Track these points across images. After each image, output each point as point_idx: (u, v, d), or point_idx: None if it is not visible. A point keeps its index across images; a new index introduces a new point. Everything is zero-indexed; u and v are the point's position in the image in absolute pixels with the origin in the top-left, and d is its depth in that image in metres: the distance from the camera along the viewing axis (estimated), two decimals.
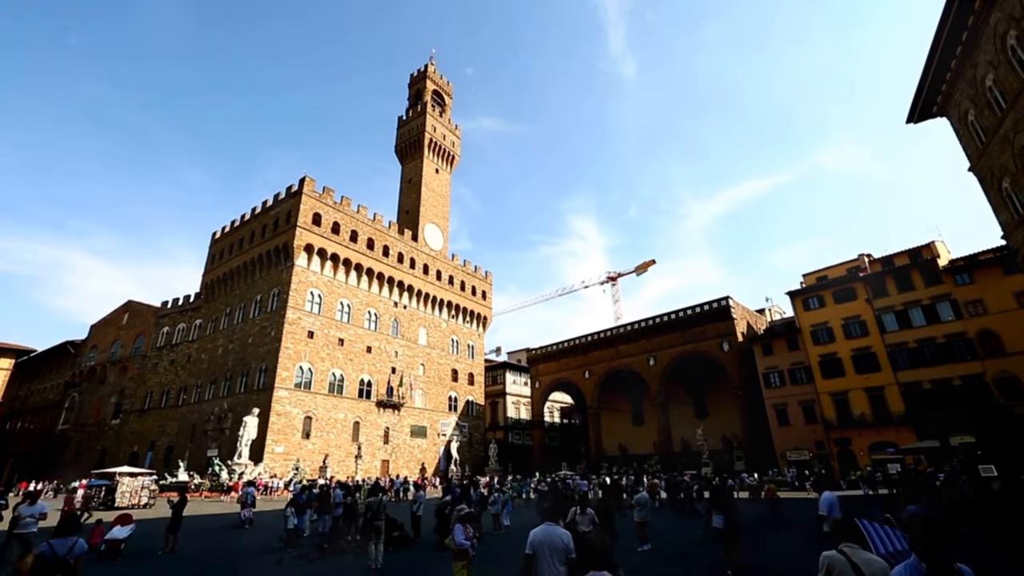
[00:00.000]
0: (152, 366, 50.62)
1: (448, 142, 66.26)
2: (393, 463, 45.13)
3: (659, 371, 49.50)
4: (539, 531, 5.04)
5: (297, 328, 40.45)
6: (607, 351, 54.98)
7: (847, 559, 3.81)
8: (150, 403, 49.05)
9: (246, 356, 41.78)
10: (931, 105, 22.59)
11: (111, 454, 47.25)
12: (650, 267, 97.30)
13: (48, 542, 5.61)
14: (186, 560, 12.31)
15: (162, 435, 45.86)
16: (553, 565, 4.74)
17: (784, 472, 36.73)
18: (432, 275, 54.89)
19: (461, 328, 58.41)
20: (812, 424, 39.39)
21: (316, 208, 43.40)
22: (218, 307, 47.84)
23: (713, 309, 47.42)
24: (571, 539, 5.02)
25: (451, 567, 7.93)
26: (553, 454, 58.61)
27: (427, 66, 69.04)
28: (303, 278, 41.87)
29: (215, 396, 42.81)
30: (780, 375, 42.22)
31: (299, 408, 39.16)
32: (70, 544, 5.62)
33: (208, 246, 52.58)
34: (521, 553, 4.87)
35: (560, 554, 4.81)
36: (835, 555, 3.88)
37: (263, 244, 44.30)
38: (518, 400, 66.72)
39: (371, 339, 46.68)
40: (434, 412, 51.58)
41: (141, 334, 53.89)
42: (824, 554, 3.93)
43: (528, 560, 4.89)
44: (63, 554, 5.50)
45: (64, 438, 55.22)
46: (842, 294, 40.65)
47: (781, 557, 11.68)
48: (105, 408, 52.71)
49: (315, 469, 37.97)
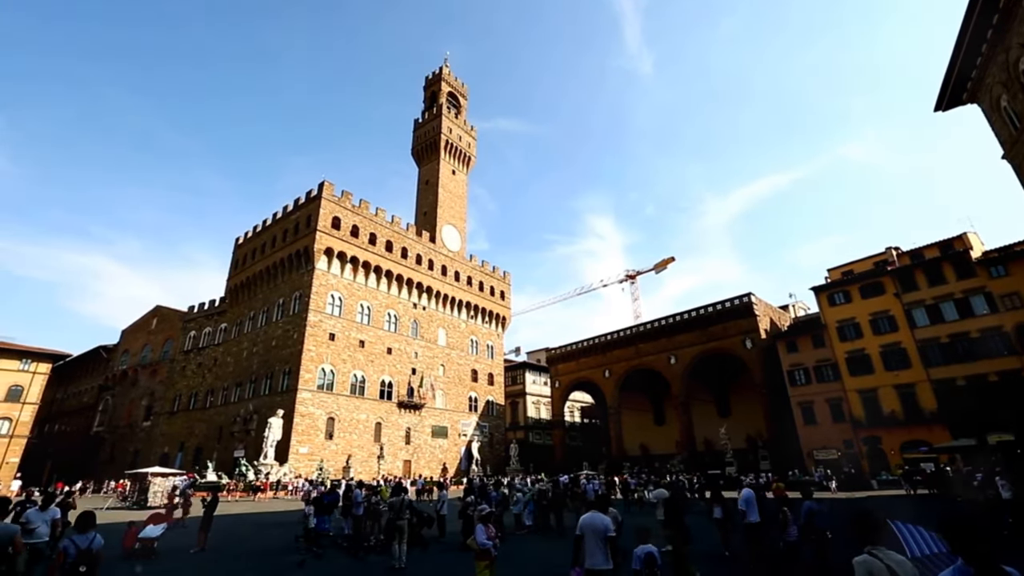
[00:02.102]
0: (180, 369, 51.96)
1: (464, 143, 66.51)
2: (415, 463, 45.47)
3: (680, 370, 48.87)
4: (586, 516, 6.24)
5: (319, 330, 41.05)
6: (627, 350, 54.51)
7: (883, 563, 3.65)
8: (179, 405, 50.35)
9: (270, 359, 42.57)
10: (960, 92, 21.79)
11: (143, 455, 48.63)
12: (669, 265, 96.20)
13: (70, 538, 6.05)
14: (216, 558, 12.59)
15: (191, 436, 47.04)
16: (596, 542, 5.98)
17: (811, 472, 35.93)
18: (450, 276, 55.16)
19: (480, 328, 58.56)
20: (840, 423, 38.42)
21: (335, 212, 43.99)
22: (242, 311, 48.85)
23: (735, 306, 46.63)
24: (611, 522, 6.16)
25: (474, 567, 7.93)
26: (574, 454, 58.35)
27: (442, 68, 69.41)
28: (324, 281, 42.47)
29: (241, 398, 43.72)
30: (805, 372, 41.30)
31: (322, 409, 39.74)
32: (90, 539, 6.06)
33: (231, 251, 53.74)
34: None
35: (601, 534, 5.99)
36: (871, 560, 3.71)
37: (284, 248, 45.08)
38: (538, 400, 66.61)
39: (391, 340, 47.11)
40: (454, 412, 51.83)
41: (169, 338, 55.38)
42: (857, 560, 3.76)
43: (578, 540, 6.10)
44: (84, 547, 5.95)
45: (99, 440, 57.08)
46: (869, 289, 39.56)
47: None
48: (137, 410, 54.31)
49: (339, 469, 38.47)
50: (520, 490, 19.15)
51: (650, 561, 6.37)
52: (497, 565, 8.25)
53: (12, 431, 49.51)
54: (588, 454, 57.37)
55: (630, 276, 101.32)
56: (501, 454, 54.60)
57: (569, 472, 37.54)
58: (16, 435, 49.78)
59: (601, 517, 6.15)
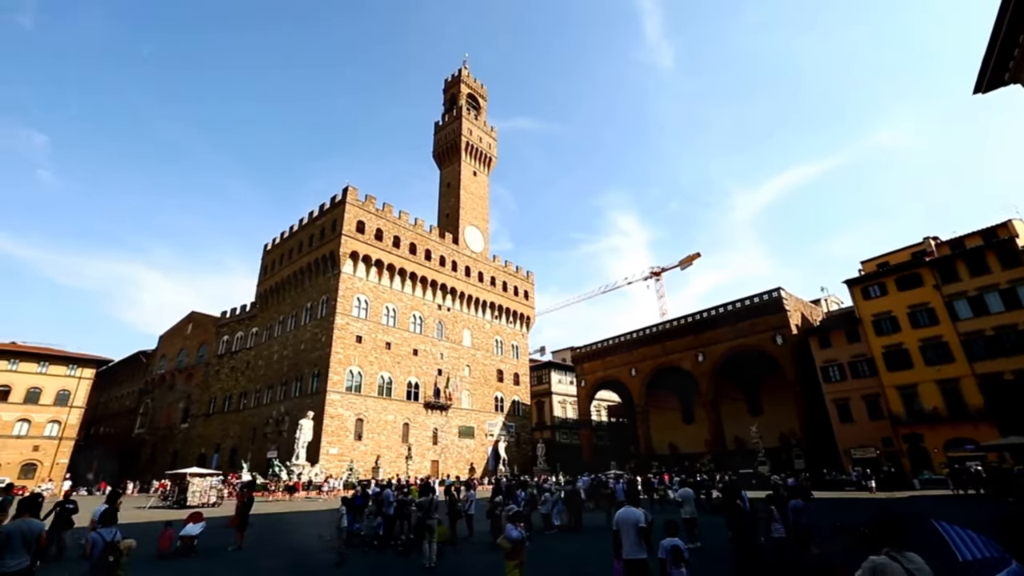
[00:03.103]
0: (215, 373, 53.57)
1: (484, 144, 66.74)
2: (442, 463, 45.83)
3: (708, 367, 47.98)
4: (621, 511, 7.17)
5: (346, 333, 41.76)
6: (653, 348, 53.80)
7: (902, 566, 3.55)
8: (214, 408, 51.93)
9: (299, 361, 43.50)
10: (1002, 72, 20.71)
11: (181, 456, 50.30)
12: (695, 260, 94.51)
13: (97, 531, 7.13)
14: (254, 556, 12.91)
15: (226, 438, 48.45)
16: (631, 534, 6.81)
17: (848, 471, 34.81)
18: (474, 277, 55.42)
19: (504, 329, 58.66)
20: (878, 420, 37.09)
21: (359, 216, 44.68)
22: (272, 315, 50.07)
23: (764, 301, 45.53)
24: (643, 516, 6.91)
25: (503, 567, 7.93)
26: (602, 453, 57.89)
27: (460, 70, 69.81)
28: (350, 284, 43.18)
29: (272, 400, 44.81)
30: (840, 368, 40.01)
31: (350, 411, 40.41)
32: (113, 532, 7.09)
33: (260, 257, 55.14)
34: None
35: (633, 526, 6.86)
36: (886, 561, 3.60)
37: (311, 253, 46.01)
38: (564, 399, 66.35)
39: (417, 342, 47.60)
40: (481, 413, 52.04)
41: (204, 343, 57.16)
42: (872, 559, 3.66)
43: (615, 534, 7.00)
44: (109, 539, 6.97)
45: (141, 441, 59.34)
46: (906, 281, 38.08)
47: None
48: (175, 413, 56.24)
49: (368, 470, 39.05)
50: (548, 490, 19.10)
51: (676, 552, 6.76)
52: (526, 565, 8.24)
53: (61, 433, 51.92)
54: (616, 453, 56.85)
55: (655, 273, 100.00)
56: (528, 454, 54.59)
57: (597, 472, 37.27)
58: (65, 437, 52.17)
59: (634, 511, 6.96)
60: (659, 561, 6.86)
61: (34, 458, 49.56)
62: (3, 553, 5.63)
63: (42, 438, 50.41)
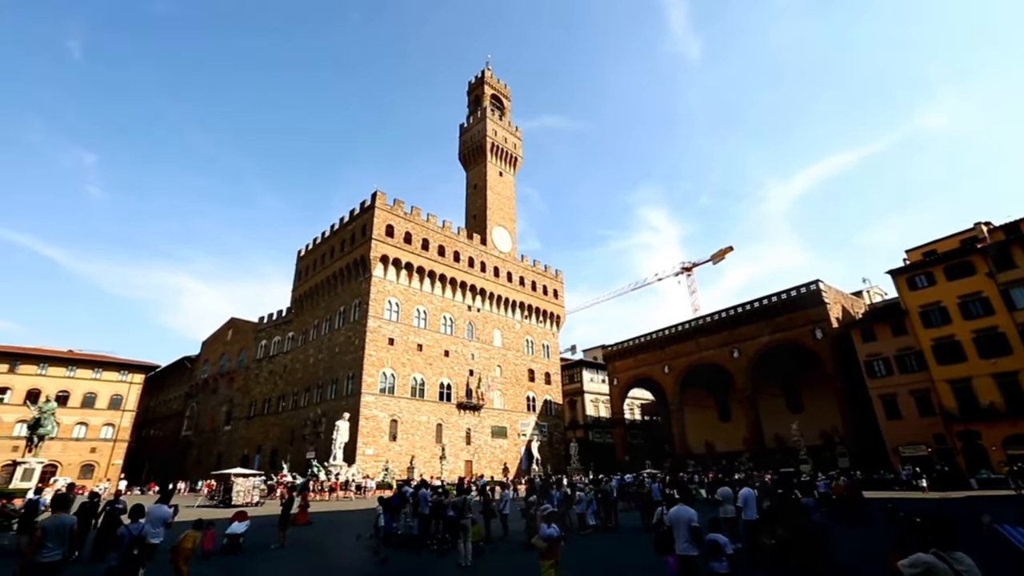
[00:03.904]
0: (254, 376, 55.39)
1: (510, 144, 66.83)
2: (476, 463, 46.12)
3: (744, 364, 46.73)
4: (674, 509, 7.48)
5: (378, 336, 42.50)
6: (686, 344, 52.77)
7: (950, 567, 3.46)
8: (255, 410, 53.71)
9: (334, 364, 44.53)
10: None
11: (225, 457, 52.18)
12: (727, 254, 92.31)
13: (126, 526, 7.73)
14: (297, 554, 13.28)
15: (267, 439, 50.04)
16: (683, 532, 7.09)
17: (898, 470, 33.31)
18: (503, 277, 55.56)
19: (535, 328, 58.60)
20: (928, 416, 35.32)
21: (388, 220, 45.41)
22: (307, 320, 51.42)
23: (802, 294, 44.03)
24: (696, 515, 7.14)
25: (539, 566, 7.91)
26: (636, 452, 57.15)
27: (484, 72, 70.08)
28: (381, 288, 43.94)
29: (309, 403, 46.02)
30: (885, 363, 38.30)
31: (385, 412, 41.12)
32: (141, 526, 7.76)
33: (294, 263, 56.71)
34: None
35: (686, 524, 7.09)
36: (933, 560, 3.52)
37: (343, 258, 47.03)
38: (596, 398, 65.81)
39: (448, 343, 48.05)
40: (513, 412, 52.13)
41: (244, 348, 59.17)
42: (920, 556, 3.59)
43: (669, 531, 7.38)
44: (136, 533, 7.54)
45: (187, 443, 61.89)
46: (957, 269, 36.13)
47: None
48: (218, 416, 58.42)
49: (403, 470, 39.65)
50: (582, 489, 18.99)
51: (714, 547, 6.92)
52: (562, 565, 8.19)
53: (115, 435, 54.74)
54: (651, 452, 56.05)
55: (686, 268, 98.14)
56: (561, 453, 54.38)
57: (632, 472, 36.81)
58: (119, 439, 54.97)
59: (687, 509, 7.24)
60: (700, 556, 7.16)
61: (92, 459, 52.44)
62: (40, 545, 6.25)
63: (98, 440, 53.28)
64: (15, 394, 49.38)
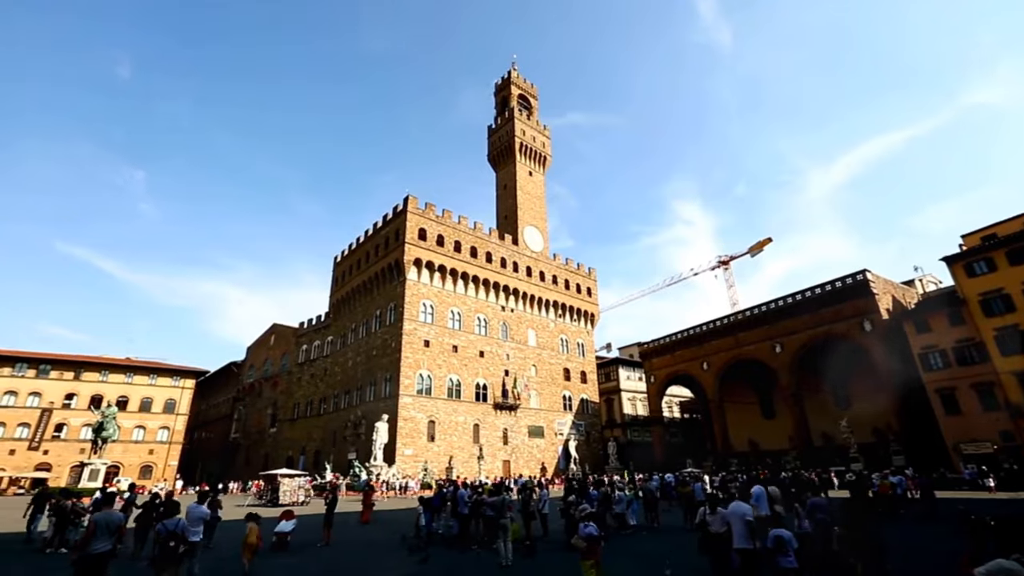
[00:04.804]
0: (296, 380, 57.20)
1: (538, 143, 66.70)
2: (514, 463, 46.22)
3: (787, 359, 45.11)
4: (732, 505, 7.98)
5: (414, 338, 43.17)
6: (726, 340, 51.37)
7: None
8: (298, 413, 55.46)
9: (372, 367, 45.49)
10: None
11: (272, 458, 54.08)
12: (766, 246, 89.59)
13: (161, 523, 8.23)
14: (342, 552, 13.62)
15: (310, 441, 51.57)
16: (740, 527, 7.50)
17: (959, 468, 31.45)
18: (535, 276, 55.52)
19: (569, 327, 58.30)
20: (992, 411, 33.18)
21: (421, 224, 46.06)
22: (345, 324, 52.73)
23: (847, 285, 42.16)
24: (751, 511, 7.74)
25: (579, 566, 7.86)
26: (676, 451, 56.01)
27: (510, 72, 70.17)
28: (415, 291, 44.61)
29: (349, 404, 47.16)
30: (942, 355, 36.22)
31: (422, 413, 41.72)
32: (176, 521, 8.25)
33: (331, 269, 58.25)
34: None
35: (741, 519, 7.56)
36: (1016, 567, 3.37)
37: (377, 263, 48.00)
38: (634, 396, 64.90)
39: (482, 344, 48.35)
40: (549, 412, 51.99)
41: (286, 352, 61.21)
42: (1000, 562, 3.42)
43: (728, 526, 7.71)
44: (172, 528, 8.04)
45: (236, 445, 64.46)
46: (1020, 253, 33.83)
47: None
48: (264, 418, 60.61)
49: (441, 470, 40.12)
50: (621, 489, 18.76)
51: (780, 542, 7.04)
52: (603, 565, 8.11)
53: (170, 438, 57.59)
54: (691, 451, 54.82)
55: (723, 262, 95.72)
56: (599, 452, 53.89)
57: (672, 471, 36.11)
58: (173, 441, 57.79)
59: (743, 505, 7.81)
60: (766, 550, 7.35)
61: (150, 460, 55.38)
62: (92, 538, 7.09)
63: (155, 442, 56.20)
64: (80, 399, 52.66)
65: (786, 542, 6.96)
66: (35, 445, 49.71)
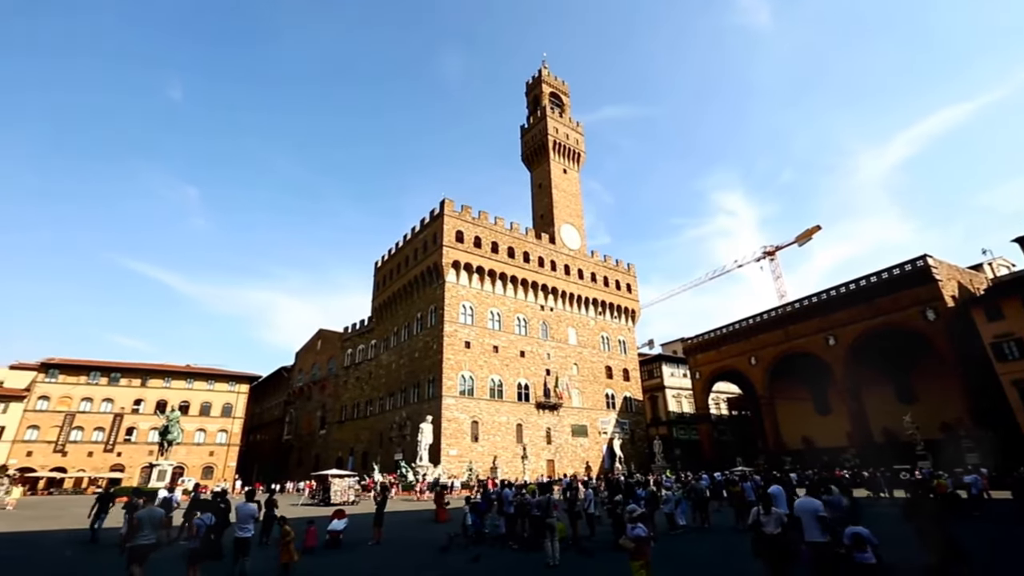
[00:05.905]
0: (343, 383, 58.98)
1: (572, 141, 66.24)
2: (558, 463, 46.05)
3: (842, 351, 43.01)
4: (801, 500, 8.12)
5: (455, 340, 43.70)
6: (774, 333, 49.52)
7: None
8: (345, 415, 57.16)
9: (415, 369, 46.35)
10: None
11: (323, 459, 55.94)
12: (814, 234, 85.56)
13: (200, 517, 9.83)
14: (393, 550, 13.94)
15: (358, 442, 53.06)
16: (811, 522, 7.61)
17: None
18: (574, 275, 55.16)
19: (610, 324, 57.61)
20: None
21: (458, 226, 46.59)
22: (387, 328, 53.96)
23: (906, 272, 39.82)
24: (822, 506, 7.80)
25: (628, 567, 7.74)
26: (724, 448, 54.46)
27: (540, 70, 69.99)
28: (454, 293, 45.16)
29: (394, 407, 48.22)
30: (1018, 343, 33.66)
31: (465, 414, 42.16)
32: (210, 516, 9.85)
33: (372, 274, 59.74)
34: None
35: (812, 515, 7.64)
36: None
37: (416, 266, 48.90)
38: (679, 393, 63.49)
39: (523, 344, 48.42)
40: (592, 411, 51.53)
41: (332, 357, 63.21)
42: None
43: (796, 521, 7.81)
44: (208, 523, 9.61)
45: (289, 447, 67.11)
46: None
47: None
48: (313, 421, 62.81)
49: (486, 470, 40.40)
50: (668, 488, 18.37)
51: (857, 539, 6.89)
52: (653, 566, 7.94)
53: (228, 440, 60.57)
54: (741, 449, 53.15)
55: (768, 252, 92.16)
56: (644, 451, 52.99)
57: (721, 469, 35.05)
58: (231, 444, 60.75)
59: (813, 501, 7.94)
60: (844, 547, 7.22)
61: (211, 461, 58.48)
62: (138, 532, 8.17)
63: (215, 445, 59.29)
64: (147, 405, 56.21)
65: (864, 539, 6.86)
66: (110, 448, 53.49)
